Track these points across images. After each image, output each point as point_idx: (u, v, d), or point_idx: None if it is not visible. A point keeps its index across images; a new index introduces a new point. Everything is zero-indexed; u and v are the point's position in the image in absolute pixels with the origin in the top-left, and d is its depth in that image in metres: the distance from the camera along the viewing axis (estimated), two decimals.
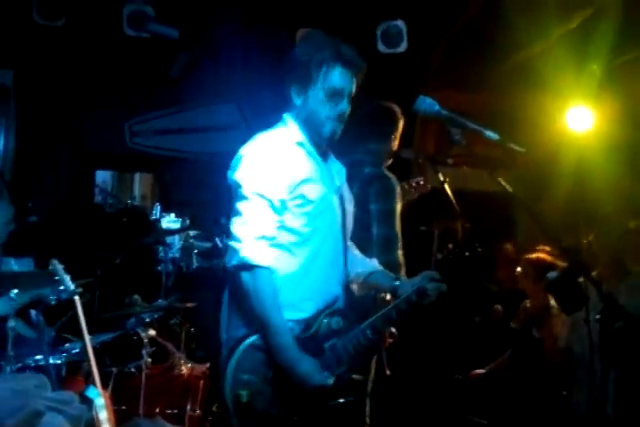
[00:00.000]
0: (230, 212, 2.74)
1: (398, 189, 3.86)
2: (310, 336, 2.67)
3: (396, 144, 4.07)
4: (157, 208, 6.55)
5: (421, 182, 4.34)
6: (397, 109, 4.07)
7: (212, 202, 6.64)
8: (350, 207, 2.96)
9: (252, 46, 6.50)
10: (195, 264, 6.10)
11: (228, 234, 5.27)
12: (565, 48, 5.87)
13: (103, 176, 7.50)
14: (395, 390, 4.09)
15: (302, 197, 2.72)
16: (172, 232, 6.08)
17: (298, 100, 2.80)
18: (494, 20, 5.76)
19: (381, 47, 6.11)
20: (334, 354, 2.68)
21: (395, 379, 3.66)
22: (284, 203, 2.70)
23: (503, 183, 2.68)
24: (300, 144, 2.81)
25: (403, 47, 6.09)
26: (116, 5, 5.83)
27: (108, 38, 6.25)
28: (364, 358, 2.82)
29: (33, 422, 2.68)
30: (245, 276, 2.61)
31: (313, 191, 2.75)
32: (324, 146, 2.89)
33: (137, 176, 7.81)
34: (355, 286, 2.99)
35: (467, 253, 2.73)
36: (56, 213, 6.54)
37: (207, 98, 7.18)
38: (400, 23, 6.02)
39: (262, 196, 2.67)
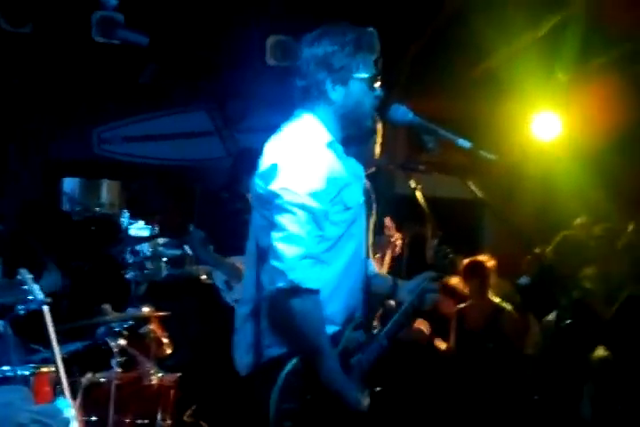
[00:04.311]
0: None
1: None
2: (339, 353, 2.50)
3: None
4: (126, 216, 6.50)
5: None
6: None
7: (180, 209, 6.61)
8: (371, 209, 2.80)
9: (222, 53, 6.48)
10: (164, 272, 6.05)
11: (202, 242, 5.16)
12: (533, 56, 5.94)
13: (71, 184, 7.42)
14: None
15: (342, 204, 2.53)
16: (140, 240, 6.03)
17: (335, 95, 2.55)
18: (462, 28, 5.81)
19: None
20: (361, 369, 2.55)
21: None
22: (326, 214, 2.47)
23: (474, 189, 2.70)
24: (331, 145, 2.56)
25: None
26: (85, 12, 5.79)
27: (76, 45, 6.20)
28: (382, 369, 2.71)
29: None
30: (294, 300, 2.37)
31: (351, 197, 2.56)
32: (346, 145, 2.65)
33: (104, 183, 7.73)
34: None
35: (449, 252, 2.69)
36: (23, 222, 6.46)
37: (177, 105, 7.16)
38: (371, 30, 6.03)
39: (306, 208, 2.41)
